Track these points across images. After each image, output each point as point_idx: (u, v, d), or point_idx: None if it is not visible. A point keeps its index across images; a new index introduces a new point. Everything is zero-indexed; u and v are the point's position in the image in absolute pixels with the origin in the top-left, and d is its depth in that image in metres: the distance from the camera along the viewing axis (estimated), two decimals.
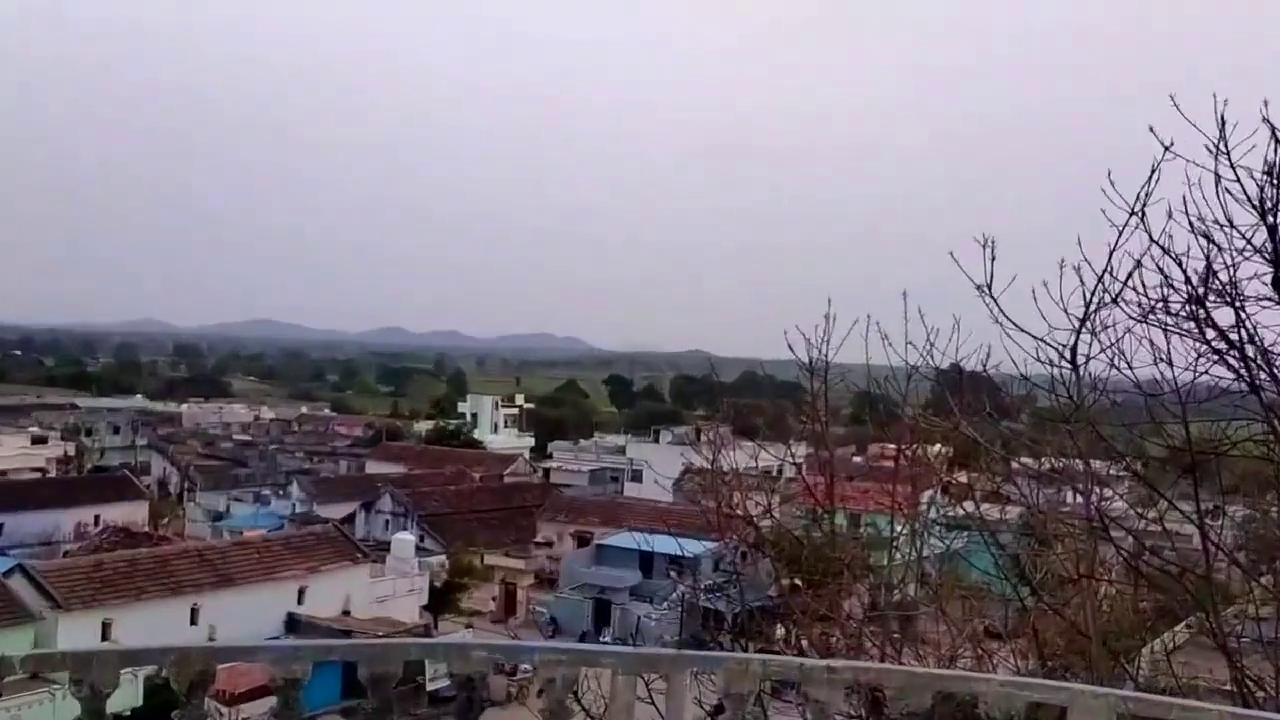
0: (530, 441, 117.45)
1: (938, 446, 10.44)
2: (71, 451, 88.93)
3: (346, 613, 44.48)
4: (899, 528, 10.08)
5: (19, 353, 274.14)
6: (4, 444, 79.54)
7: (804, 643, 10.30)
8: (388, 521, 65.31)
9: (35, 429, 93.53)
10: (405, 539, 53.17)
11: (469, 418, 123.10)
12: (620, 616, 52.29)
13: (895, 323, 9.10)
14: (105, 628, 36.07)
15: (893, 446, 10.35)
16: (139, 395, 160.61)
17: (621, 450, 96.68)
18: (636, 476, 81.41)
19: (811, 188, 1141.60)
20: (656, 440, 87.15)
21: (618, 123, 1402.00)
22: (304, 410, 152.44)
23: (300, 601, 43.25)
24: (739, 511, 10.45)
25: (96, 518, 61.48)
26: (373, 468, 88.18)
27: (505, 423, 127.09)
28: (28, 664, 6.76)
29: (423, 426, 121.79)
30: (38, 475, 73.68)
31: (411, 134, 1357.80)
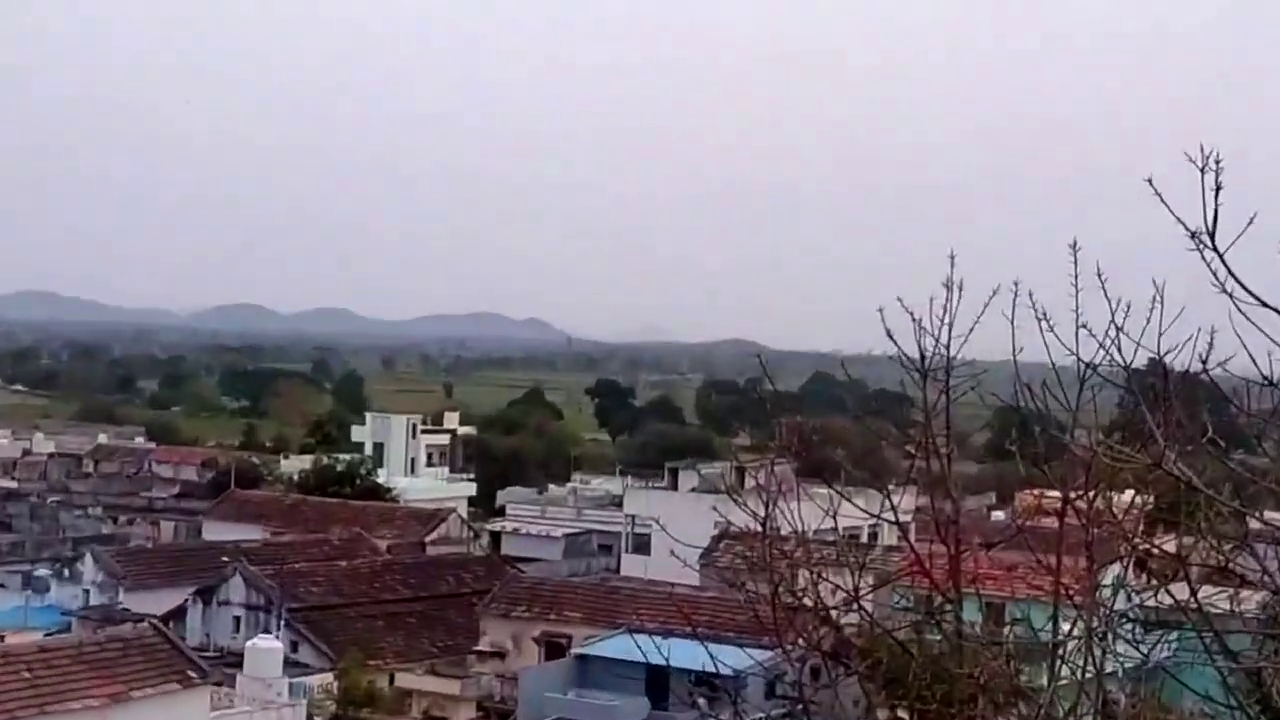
0: (469, 488, 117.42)
1: (1129, 494, 10.43)
2: None
3: None
4: (1067, 626, 10.08)
5: None
6: None
7: None
8: (239, 619, 65.31)
9: None
10: (268, 647, 53.18)
11: (369, 450, 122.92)
12: None
13: (1059, 295, 9.08)
14: None
15: (1056, 494, 10.34)
16: None
17: (616, 502, 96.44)
18: (641, 545, 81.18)
19: (916, 99, 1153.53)
20: (674, 486, 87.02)
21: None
22: (104, 439, 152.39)
23: None
24: (807, 601, 10.45)
25: None
26: (214, 531, 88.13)
27: (429, 458, 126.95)
28: None
29: (295, 465, 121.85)
30: None
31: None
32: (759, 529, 10.50)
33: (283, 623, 63.16)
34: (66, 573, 76.74)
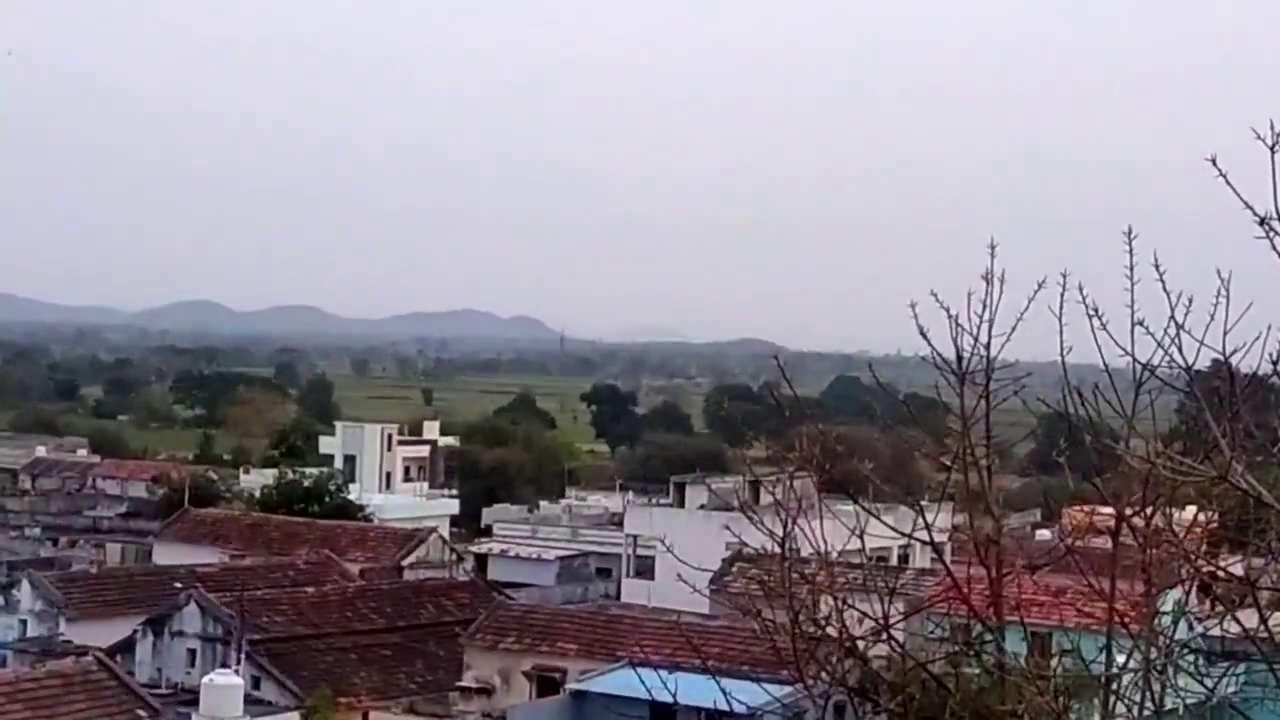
0: (452, 506, 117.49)
1: (1191, 510, 10.44)
2: None
3: None
4: (1122, 658, 10.09)
5: None
6: None
7: None
8: (194, 651, 65.35)
9: None
10: (226, 683, 53.25)
11: (339, 463, 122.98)
12: None
13: (1111, 290, 9.09)
14: None
15: (1109, 511, 10.35)
16: None
17: (616, 521, 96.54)
18: (644, 568, 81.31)
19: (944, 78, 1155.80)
20: (680, 503, 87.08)
21: None
22: (42, 452, 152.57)
23: None
24: (831, 630, 10.46)
25: None
26: (166, 554, 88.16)
27: (406, 472, 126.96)
28: None
29: (256, 479, 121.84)
30: None
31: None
32: (776, 550, 10.52)
33: (243, 656, 63.19)
34: (3, 600, 76.80)
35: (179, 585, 71.06)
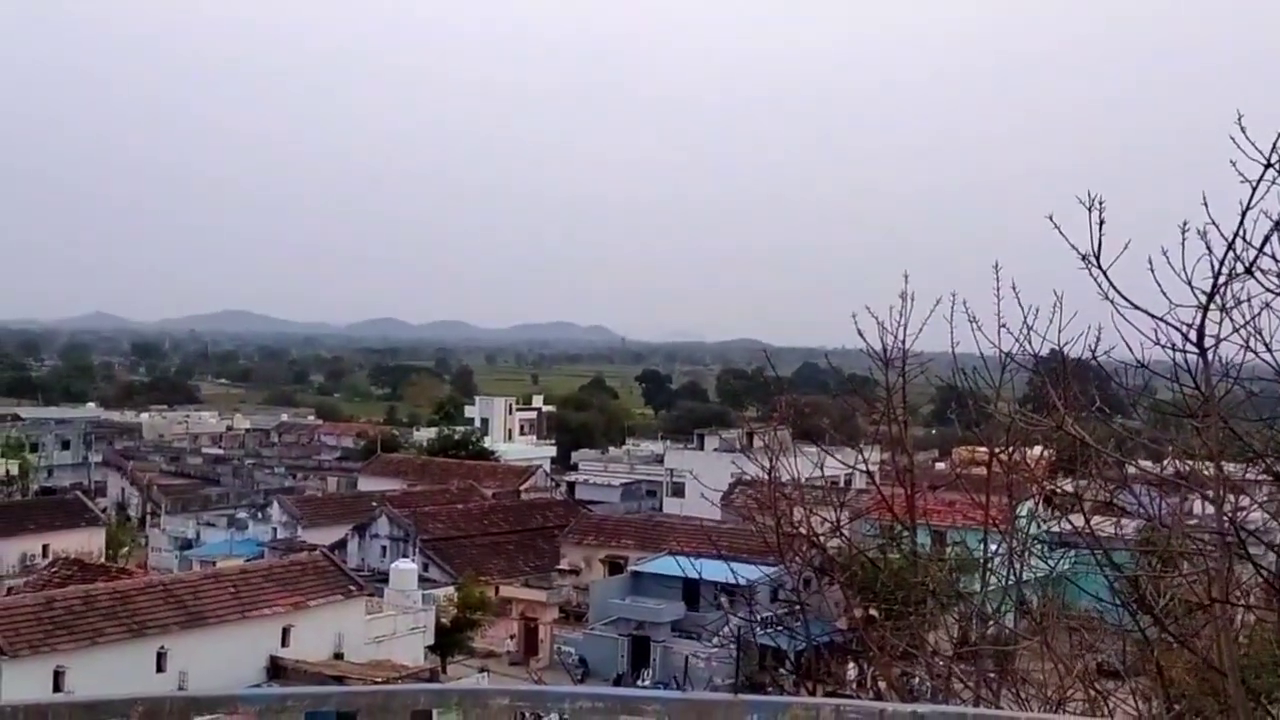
0: (551, 451, 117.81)
1: (1038, 449, 10.39)
2: (14, 470, 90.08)
3: (339, 655, 44.84)
4: (993, 546, 10.05)
5: None
6: None
7: (882, 684, 10.30)
8: (385, 548, 65.74)
9: None
10: (406, 568, 53.50)
11: (478, 423, 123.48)
12: (662, 656, 52.46)
13: (985, 302, 9.07)
14: (58, 676, 36.54)
15: (984, 450, 10.30)
16: (91, 404, 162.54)
17: (659, 459, 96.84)
18: (678, 490, 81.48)
19: (882, 145, 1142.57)
20: (701, 447, 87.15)
21: (645, 74, 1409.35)
22: (285, 418, 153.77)
23: (285, 643, 43.59)
24: (801, 530, 10.45)
25: (45, 548, 62.32)
26: (366, 484, 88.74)
27: (521, 429, 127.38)
28: None
29: (424, 435, 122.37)
30: None
31: (398, 97, 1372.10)
32: (765, 477, 10.52)
33: (417, 550, 63.57)
34: (260, 515, 77.47)
35: (374, 504, 71.53)
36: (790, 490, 10.51)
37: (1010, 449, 9.89)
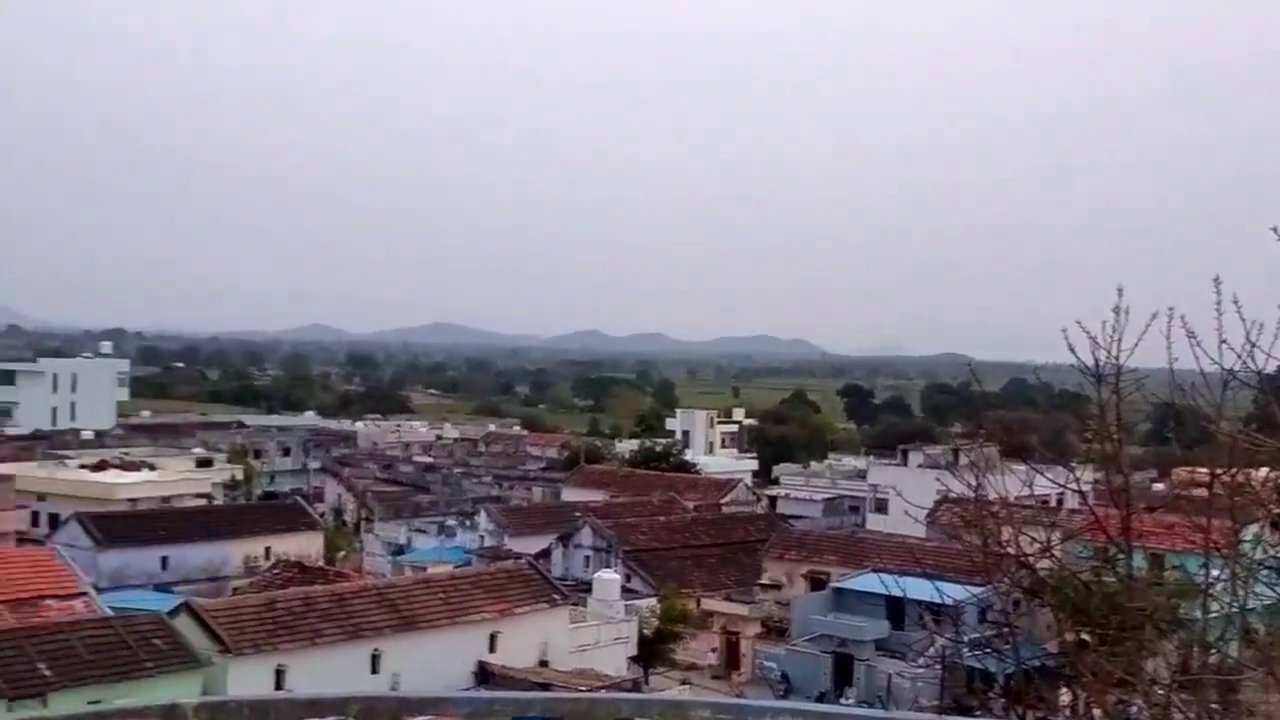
0: (752, 464, 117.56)
1: (1264, 471, 9.97)
2: (239, 476, 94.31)
3: (544, 663, 45.59)
4: (1215, 572, 9.67)
5: (181, 365, 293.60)
6: (167, 467, 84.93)
7: (1097, 712, 10.01)
8: (588, 558, 66.53)
9: (200, 450, 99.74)
10: (609, 578, 54.10)
11: (679, 436, 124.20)
12: (865, 674, 51.78)
13: (1205, 317, 8.78)
14: (279, 675, 38.12)
15: (1205, 471, 9.93)
16: (310, 412, 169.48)
17: (861, 475, 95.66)
18: (881, 506, 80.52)
19: (1103, 152, 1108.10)
20: (904, 463, 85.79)
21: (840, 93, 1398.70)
22: (491, 428, 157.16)
23: (492, 649, 44.52)
24: (1010, 550, 10.25)
25: (267, 550, 64.94)
26: (569, 495, 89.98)
27: (722, 442, 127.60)
28: (201, 712, 7.26)
29: (625, 446, 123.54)
30: (203, 502, 78.28)
31: (603, 109, 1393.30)
32: (971, 495, 10.36)
33: (619, 561, 64.22)
34: (468, 523, 79.09)
35: (578, 514, 72.46)
36: (998, 509, 10.33)
37: (1234, 470, 9.53)
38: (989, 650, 13.33)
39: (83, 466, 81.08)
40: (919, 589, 15.34)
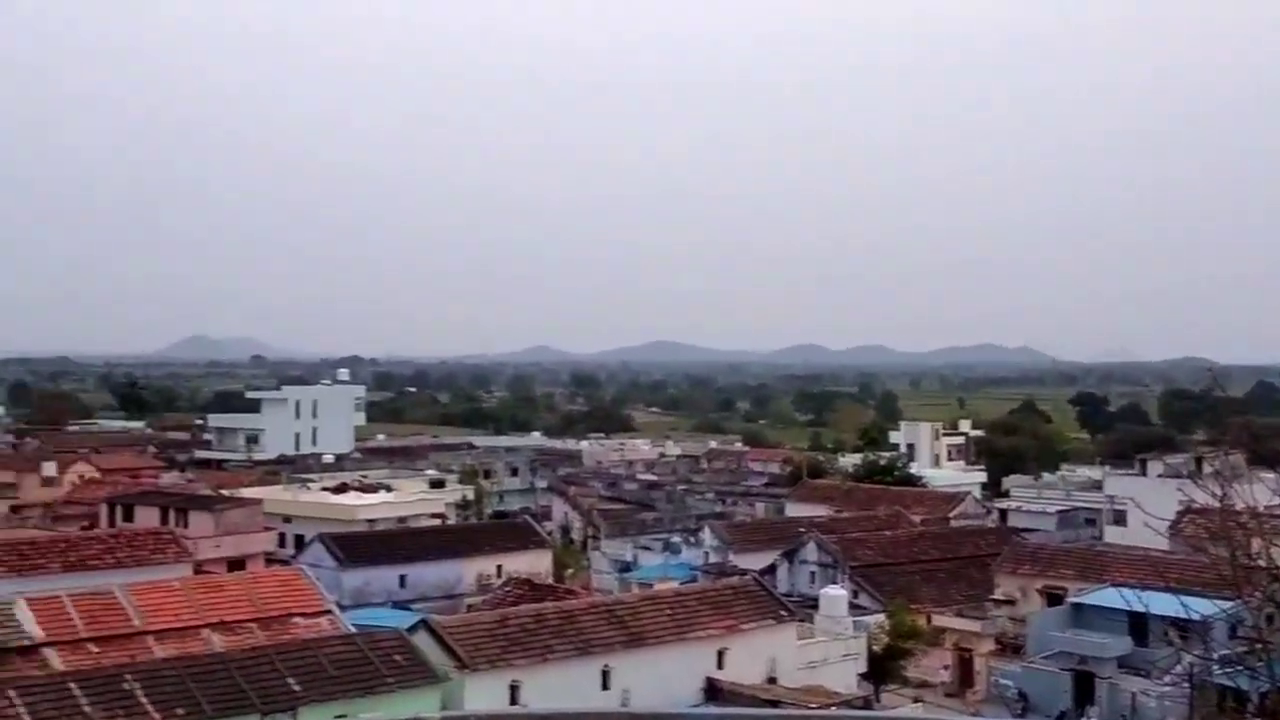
0: (980, 476, 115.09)
1: None
2: (470, 496, 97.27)
3: (772, 679, 45.44)
4: None
5: (413, 389, 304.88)
6: (403, 488, 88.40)
7: None
8: (813, 574, 66.10)
9: (433, 472, 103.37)
10: (836, 594, 53.61)
11: (903, 449, 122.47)
12: (1108, 693, 50.07)
13: None
14: (513, 690, 39.01)
15: None
16: (536, 433, 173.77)
17: (1097, 486, 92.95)
18: (1119, 518, 78.25)
19: None
20: (1144, 473, 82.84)
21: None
22: (713, 445, 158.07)
23: (720, 665, 44.58)
24: (1260, 562, 9.81)
25: (498, 568, 66.72)
26: (793, 510, 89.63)
27: (948, 454, 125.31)
28: None
29: (848, 460, 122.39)
30: (437, 522, 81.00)
31: (822, 124, 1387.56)
32: (1217, 505, 9.96)
33: (846, 576, 63.63)
34: (692, 539, 79.48)
35: (802, 530, 72.16)
36: (1246, 519, 9.89)
37: None
38: (1241, 668, 12.71)
39: (325, 489, 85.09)
40: (1163, 604, 14.81)
